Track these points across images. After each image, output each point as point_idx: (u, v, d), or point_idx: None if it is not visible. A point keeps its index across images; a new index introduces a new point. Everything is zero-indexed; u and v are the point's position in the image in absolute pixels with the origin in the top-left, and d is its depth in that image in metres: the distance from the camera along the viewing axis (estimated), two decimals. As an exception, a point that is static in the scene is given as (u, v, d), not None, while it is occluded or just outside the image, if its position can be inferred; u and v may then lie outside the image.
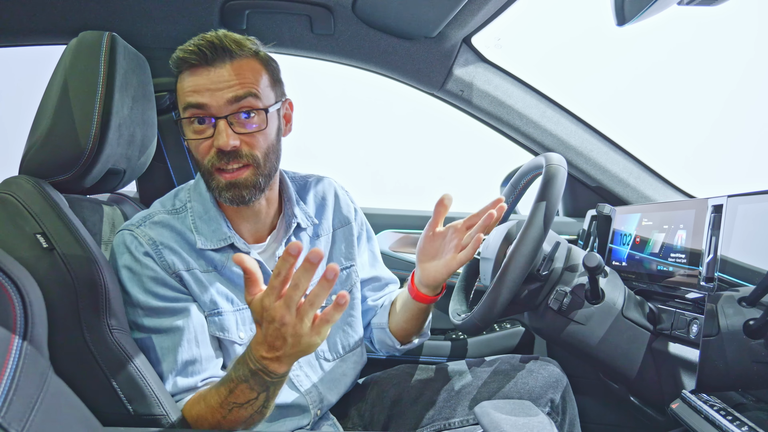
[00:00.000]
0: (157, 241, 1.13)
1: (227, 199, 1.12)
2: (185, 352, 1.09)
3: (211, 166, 1.09)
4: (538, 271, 1.27)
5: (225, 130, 1.06)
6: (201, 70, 1.07)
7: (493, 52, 1.77)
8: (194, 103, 1.06)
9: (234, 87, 1.06)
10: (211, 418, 1.01)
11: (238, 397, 0.96)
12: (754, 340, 0.91)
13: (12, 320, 0.55)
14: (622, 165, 1.82)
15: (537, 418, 0.86)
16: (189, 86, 1.07)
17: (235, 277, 1.18)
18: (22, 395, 0.52)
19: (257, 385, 0.95)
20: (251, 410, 0.98)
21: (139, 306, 1.10)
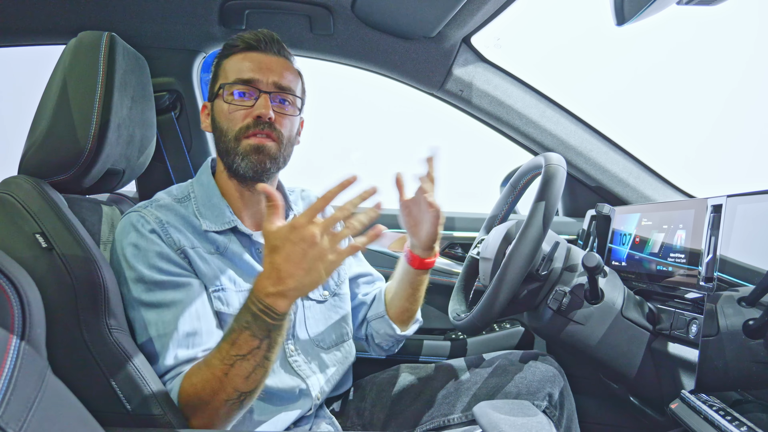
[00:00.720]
0: (163, 220, 1.16)
1: (249, 164, 1.18)
2: (186, 323, 1.09)
3: (241, 132, 1.18)
4: (537, 271, 1.27)
5: (267, 102, 1.17)
6: (255, 54, 1.21)
7: (492, 52, 1.77)
8: (245, 78, 1.19)
9: (281, 75, 1.21)
10: (213, 379, 0.99)
11: (240, 348, 0.96)
12: (753, 340, 0.91)
13: (10, 320, 0.55)
14: (622, 165, 1.82)
15: (535, 418, 0.86)
16: (242, 64, 1.20)
17: (236, 259, 1.21)
18: (20, 395, 0.52)
19: (259, 331, 0.95)
20: (254, 362, 0.97)
21: (142, 281, 1.10)
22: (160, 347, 1.08)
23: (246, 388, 0.99)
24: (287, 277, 0.91)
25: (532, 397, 1.25)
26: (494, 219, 1.60)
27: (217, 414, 1.01)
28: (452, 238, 1.93)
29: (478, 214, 1.94)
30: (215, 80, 1.24)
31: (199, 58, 1.75)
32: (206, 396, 0.99)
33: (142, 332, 1.09)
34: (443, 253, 1.93)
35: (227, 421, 1.03)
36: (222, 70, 1.23)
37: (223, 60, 1.24)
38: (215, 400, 0.99)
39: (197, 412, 1.01)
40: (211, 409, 1.00)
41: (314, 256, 0.89)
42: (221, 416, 1.01)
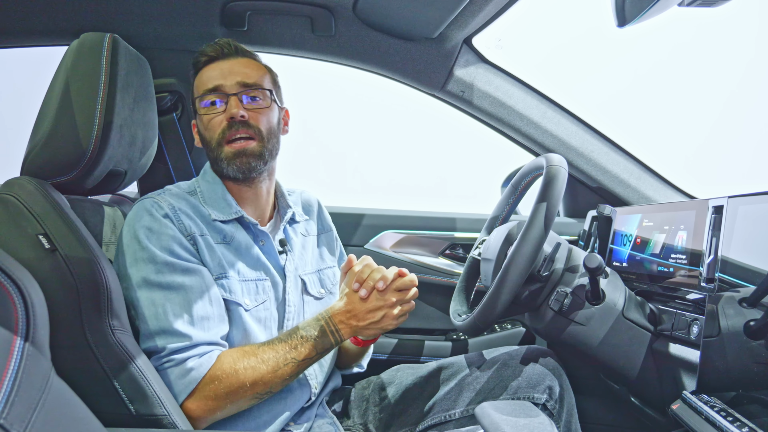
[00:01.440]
0: (175, 206, 1.21)
1: (235, 169, 1.24)
2: (200, 308, 1.13)
3: (221, 138, 1.24)
4: (538, 272, 1.27)
5: (236, 103, 1.23)
6: (216, 63, 1.27)
7: (493, 53, 1.77)
8: (210, 87, 1.25)
9: (244, 75, 1.26)
10: (260, 370, 1.11)
11: (299, 354, 1.15)
12: (754, 341, 0.91)
13: (14, 322, 0.55)
14: (623, 166, 1.82)
15: (537, 419, 0.86)
16: (206, 76, 1.27)
17: (242, 249, 1.25)
18: (24, 396, 0.52)
19: (321, 346, 1.17)
20: (300, 368, 1.16)
21: (153, 261, 1.13)
22: (166, 326, 1.10)
23: (277, 387, 1.15)
24: (363, 320, 1.18)
25: (533, 390, 1.26)
26: (495, 220, 1.60)
27: (241, 400, 1.12)
28: (453, 239, 1.93)
29: (479, 215, 1.94)
30: (192, 97, 1.31)
31: (201, 59, 1.75)
32: (244, 382, 1.10)
33: (146, 311, 1.11)
34: (444, 253, 1.94)
35: (235, 410, 1.14)
36: (195, 88, 1.30)
37: (193, 79, 1.31)
38: (250, 389, 1.11)
39: (222, 393, 1.09)
40: (240, 395, 1.11)
41: (385, 315, 1.19)
42: (242, 404, 1.13)
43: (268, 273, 1.27)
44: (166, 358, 1.09)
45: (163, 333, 1.10)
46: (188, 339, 1.09)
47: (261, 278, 1.26)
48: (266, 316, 1.24)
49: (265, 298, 1.25)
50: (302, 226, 1.43)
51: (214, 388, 1.08)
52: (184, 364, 1.08)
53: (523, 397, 1.26)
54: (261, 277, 1.26)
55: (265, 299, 1.25)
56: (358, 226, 1.90)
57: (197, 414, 1.08)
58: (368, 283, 1.19)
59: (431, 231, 1.94)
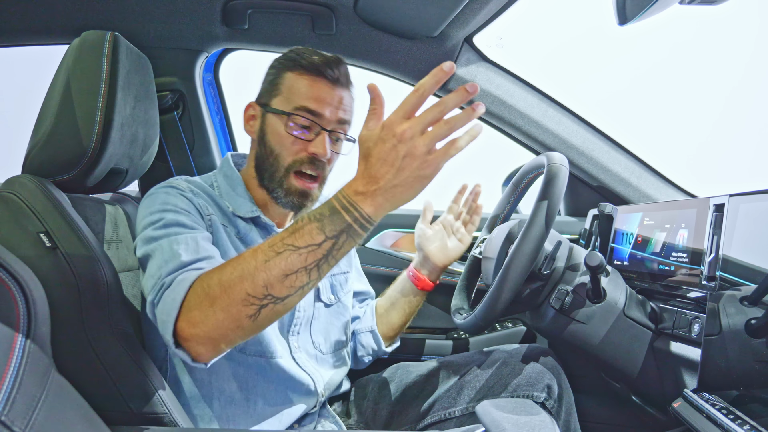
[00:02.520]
0: (195, 190, 1.17)
1: (290, 203, 1.19)
2: (203, 250, 1.01)
3: (293, 165, 1.18)
4: (539, 271, 1.27)
5: (325, 141, 1.16)
6: (326, 84, 1.17)
7: (494, 52, 1.77)
8: (312, 109, 1.16)
9: (345, 111, 1.20)
10: (247, 265, 0.86)
11: (298, 239, 0.84)
12: (755, 340, 0.91)
13: (15, 318, 0.55)
14: (624, 164, 1.82)
15: (538, 417, 0.86)
16: (310, 91, 1.17)
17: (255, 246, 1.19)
18: (26, 393, 0.52)
19: (330, 226, 0.84)
20: (303, 260, 0.84)
21: (161, 220, 1.05)
22: (167, 257, 0.98)
23: (277, 290, 0.85)
24: (379, 176, 0.82)
25: (532, 388, 1.26)
26: (496, 218, 1.60)
27: (227, 312, 0.86)
28: (454, 238, 1.93)
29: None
30: (273, 90, 1.20)
31: (202, 58, 1.76)
32: (228, 282, 0.86)
33: (147, 257, 1.02)
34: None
35: (229, 331, 0.88)
36: (284, 85, 1.19)
37: (286, 72, 1.19)
38: (236, 290, 0.86)
39: (204, 305, 0.88)
40: (224, 301, 0.86)
41: (406, 153, 0.80)
42: (229, 317, 0.86)
43: None
44: (159, 285, 0.95)
45: (161, 265, 0.98)
46: (183, 257, 0.98)
47: None
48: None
49: None
50: None
51: (201, 292, 0.89)
52: (174, 281, 0.94)
53: (523, 395, 1.26)
54: None
55: None
56: (359, 225, 1.90)
57: (188, 331, 0.88)
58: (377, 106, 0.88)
59: (432, 230, 1.93)
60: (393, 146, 0.81)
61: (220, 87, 1.91)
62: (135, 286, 1.28)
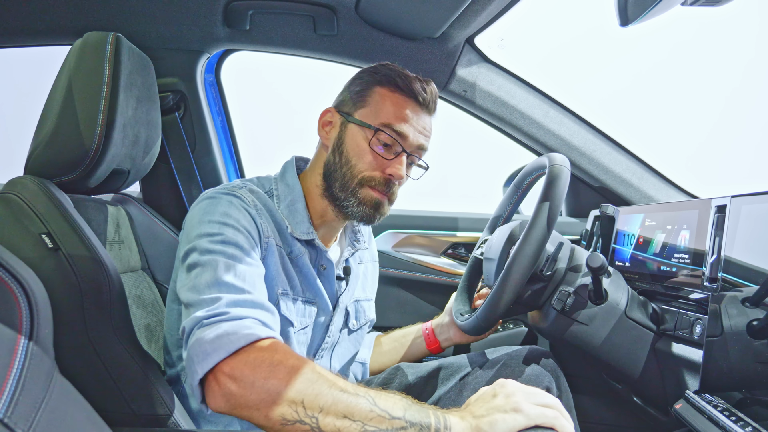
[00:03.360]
0: (258, 206, 1.12)
1: (362, 212, 1.17)
2: (259, 293, 0.98)
3: (366, 180, 1.16)
4: (541, 272, 1.27)
5: (404, 165, 1.17)
6: (417, 107, 1.18)
7: (496, 53, 1.77)
8: (399, 131, 1.15)
9: (427, 137, 1.20)
10: (319, 377, 0.84)
11: (380, 399, 0.84)
12: (757, 341, 0.91)
13: (18, 320, 0.55)
14: (625, 165, 1.82)
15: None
16: (402, 112, 1.16)
17: (305, 269, 1.19)
18: (29, 395, 0.52)
19: (414, 412, 0.84)
20: (366, 418, 0.82)
21: (216, 235, 1.01)
22: (222, 279, 0.94)
23: (325, 422, 0.81)
24: (477, 406, 0.89)
25: None
26: (498, 219, 1.60)
27: (271, 398, 0.82)
28: (455, 239, 1.93)
29: (482, 215, 1.94)
30: (361, 100, 1.18)
31: (203, 59, 1.76)
32: (295, 376, 0.83)
33: (196, 266, 0.97)
34: (447, 253, 1.94)
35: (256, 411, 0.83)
36: (372, 98, 1.17)
37: (377, 86, 1.18)
38: (296, 388, 0.82)
39: (259, 372, 0.83)
40: (278, 387, 0.82)
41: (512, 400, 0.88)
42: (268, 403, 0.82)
43: (319, 298, 1.22)
44: (218, 312, 0.89)
45: (217, 285, 0.93)
46: (249, 294, 0.94)
47: (309, 301, 1.20)
48: (304, 340, 1.21)
49: (308, 323, 1.20)
50: (359, 254, 1.38)
51: (265, 358, 0.84)
52: (237, 319, 0.89)
53: None
54: (310, 300, 1.20)
55: (307, 324, 1.20)
56: (361, 226, 1.90)
57: (224, 381, 0.84)
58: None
59: (433, 231, 1.94)
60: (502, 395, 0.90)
61: (222, 88, 1.91)
62: (137, 287, 1.28)
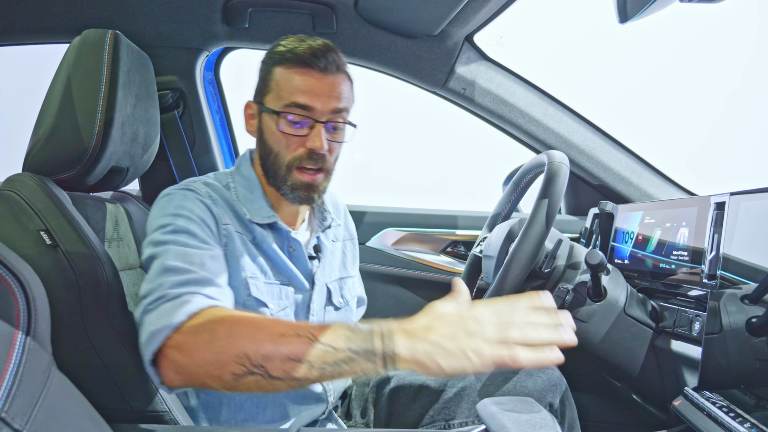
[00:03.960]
0: (213, 196, 1.14)
1: (297, 197, 1.16)
2: (211, 265, 1.00)
3: (292, 162, 1.14)
4: (540, 269, 1.27)
5: (321, 134, 1.12)
6: (315, 74, 1.12)
7: (495, 50, 1.77)
8: (302, 104, 1.11)
9: (338, 99, 1.13)
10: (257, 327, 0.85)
11: (322, 334, 0.81)
12: (756, 338, 0.91)
13: (15, 315, 0.55)
14: (625, 163, 1.82)
15: (539, 415, 0.86)
16: (298, 85, 1.12)
17: (271, 252, 1.19)
18: (26, 390, 0.52)
19: (358, 340, 0.81)
20: (311, 356, 0.81)
21: (169, 225, 1.03)
22: (167, 265, 0.96)
23: (272, 367, 0.81)
24: (433, 330, 0.80)
25: None
26: (497, 217, 1.60)
27: (217, 357, 0.83)
28: (455, 237, 1.93)
29: (481, 213, 1.94)
30: (265, 87, 1.17)
31: (203, 57, 1.76)
32: (235, 333, 0.84)
33: (151, 259, 1.00)
34: (446, 251, 1.94)
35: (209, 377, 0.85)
36: (274, 81, 1.15)
37: (275, 67, 1.15)
38: (238, 343, 0.83)
39: (202, 338, 0.85)
40: (221, 346, 0.84)
41: (475, 331, 0.78)
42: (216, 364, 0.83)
43: (293, 279, 1.22)
44: (161, 295, 0.92)
45: (164, 271, 0.96)
46: (193, 274, 0.96)
47: (285, 283, 1.20)
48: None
49: (287, 304, 1.20)
50: (333, 231, 1.37)
51: (205, 325, 0.87)
52: (179, 297, 0.91)
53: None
54: (285, 282, 1.20)
55: (286, 305, 1.20)
56: (360, 224, 1.90)
57: (173, 355, 0.86)
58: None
59: (433, 229, 1.94)
60: (469, 318, 0.80)
61: (221, 86, 1.91)
62: (136, 285, 1.28)
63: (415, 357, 0.78)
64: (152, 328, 0.88)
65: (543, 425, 0.82)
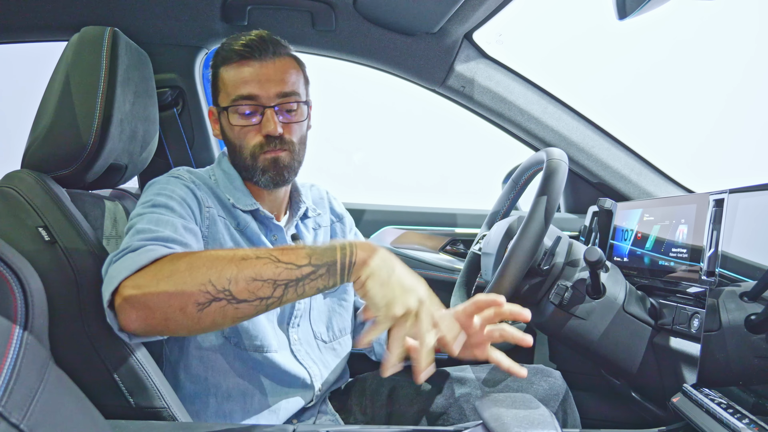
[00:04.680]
0: (196, 181, 1.19)
1: (269, 179, 1.20)
2: (172, 234, 1.00)
3: (254, 151, 1.19)
4: (539, 266, 1.27)
5: (273, 118, 1.16)
6: (250, 63, 1.17)
7: (494, 48, 1.77)
8: (246, 94, 1.16)
9: (281, 83, 1.17)
10: (220, 255, 0.86)
11: (282, 254, 0.86)
12: (755, 335, 0.91)
13: (13, 310, 0.55)
14: (624, 161, 1.82)
15: (538, 411, 0.86)
16: (239, 78, 1.17)
17: (255, 238, 1.23)
18: (23, 384, 0.52)
19: (319, 254, 0.86)
20: (275, 275, 0.84)
21: (150, 201, 1.08)
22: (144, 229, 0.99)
23: (237, 289, 0.84)
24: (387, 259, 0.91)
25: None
26: (496, 215, 1.60)
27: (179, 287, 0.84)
28: (454, 235, 1.93)
29: (480, 211, 1.94)
30: (216, 90, 1.23)
31: (202, 54, 1.76)
32: (196, 263, 0.86)
33: (127, 231, 1.02)
34: (445, 249, 1.94)
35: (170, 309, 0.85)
36: (221, 81, 1.21)
37: (219, 69, 1.22)
38: (200, 271, 0.84)
39: (161, 274, 0.86)
40: (182, 278, 0.84)
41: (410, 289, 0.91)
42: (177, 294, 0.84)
43: None
44: (125, 247, 0.94)
45: (135, 233, 0.98)
46: (160, 233, 0.98)
47: None
48: (272, 310, 1.22)
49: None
50: (313, 220, 1.40)
51: (164, 266, 0.88)
52: (141, 248, 0.93)
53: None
54: None
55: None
56: (359, 222, 1.90)
57: (129, 291, 0.86)
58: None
59: (432, 227, 1.94)
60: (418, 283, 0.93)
61: (220, 84, 1.90)
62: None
63: (369, 268, 0.87)
64: (113, 273, 0.89)
65: (541, 422, 0.82)
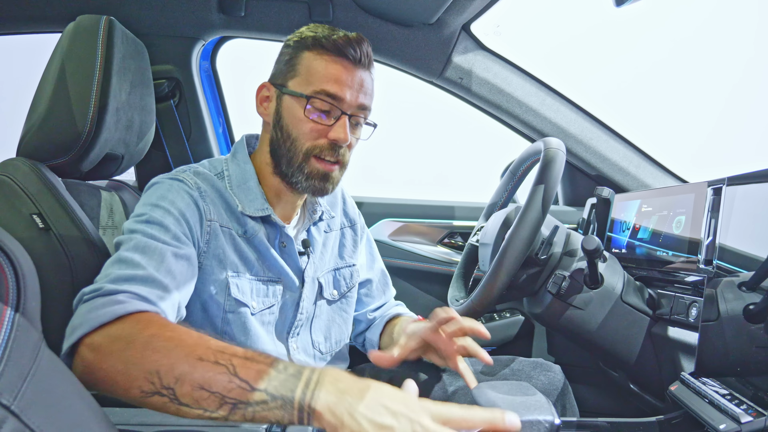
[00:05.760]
0: (202, 188, 1.10)
1: (311, 186, 1.13)
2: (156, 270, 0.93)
3: (311, 150, 1.12)
4: (536, 255, 1.27)
5: (347, 127, 1.10)
6: (348, 65, 1.11)
7: (492, 40, 1.76)
8: (332, 93, 1.09)
9: (366, 95, 1.14)
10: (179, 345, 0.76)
11: (242, 367, 0.74)
12: (753, 325, 0.90)
13: (4, 291, 0.55)
14: (622, 153, 1.82)
15: (534, 397, 0.85)
16: (330, 73, 1.10)
17: (262, 248, 1.16)
18: (15, 366, 0.51)
19: (278, 383, 0.72)
20: (226, 389, 0.72)
21: (144, 215, 1.00)
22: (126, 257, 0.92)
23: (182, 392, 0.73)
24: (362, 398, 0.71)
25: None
26: (494, 206, 1.60)
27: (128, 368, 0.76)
28: (452, 227, 1.92)
29: (478, 203, 1.93)
30: (291, 69, 1.13)
31: (199, 46, 1.75)
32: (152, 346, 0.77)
33: (117, 246, 0.97)
34: (443, 242, 1.93)
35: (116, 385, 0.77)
36: (303, 66, 1.12)
37: (304, 51, 1.12)
38: (152, 359, 0.75)
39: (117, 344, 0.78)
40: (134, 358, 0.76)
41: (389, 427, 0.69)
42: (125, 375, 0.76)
43: (283, 276, 1.19)
44: (100, 287, 0.87)
45: (117, 262, 0.92)
46: (142, 270, 0.91)
47: (273, 280, 1.17)
48: (271, 320, 1.18)
49: (273, 302, 1.18)
50: (325, 223, 1.33)
51: (127, 330, 0.80)
52: (113, 293, 0.86)
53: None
54: (273, 279, 1.17)
55: (272, 303, 1.17)
56: (357, 215, 1.90)
57: (86, 353, 0.80)
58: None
59: (430, 219, 1.93)
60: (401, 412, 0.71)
61: (217, 75, 1.90)
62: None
63: (332, 420, 0.69)
64: (77, 321, 0.83)
65: (537, 407, 0.82)
